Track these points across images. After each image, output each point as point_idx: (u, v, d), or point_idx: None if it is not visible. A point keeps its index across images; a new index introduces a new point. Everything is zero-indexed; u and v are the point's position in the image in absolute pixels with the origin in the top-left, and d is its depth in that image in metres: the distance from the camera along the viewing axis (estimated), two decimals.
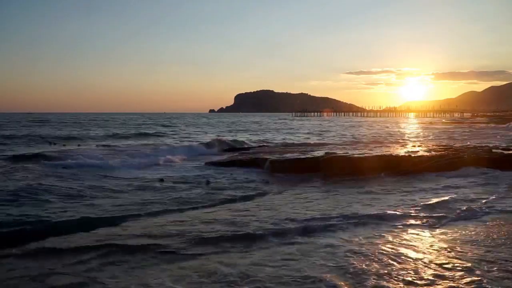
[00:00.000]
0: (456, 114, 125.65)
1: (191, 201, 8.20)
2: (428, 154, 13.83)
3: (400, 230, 5.93)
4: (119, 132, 33.17)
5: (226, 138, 25.47)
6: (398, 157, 13.49)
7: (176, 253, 5.04)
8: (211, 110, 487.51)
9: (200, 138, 26.81)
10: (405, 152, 14.81)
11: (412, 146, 18.41)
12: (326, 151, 14.90)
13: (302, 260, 4.73)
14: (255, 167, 12.90)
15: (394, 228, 6.06)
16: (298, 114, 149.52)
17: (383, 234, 5.73)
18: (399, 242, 5.37)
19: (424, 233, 5.85)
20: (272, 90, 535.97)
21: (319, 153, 14.48)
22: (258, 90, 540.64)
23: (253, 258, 4.82)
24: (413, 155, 13.50)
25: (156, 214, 7.04)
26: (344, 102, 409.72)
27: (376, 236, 5.64)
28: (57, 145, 21.45)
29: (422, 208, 7.19)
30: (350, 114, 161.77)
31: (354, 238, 5.55)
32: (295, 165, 12.55)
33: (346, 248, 5.13)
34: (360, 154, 14.09)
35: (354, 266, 4.49)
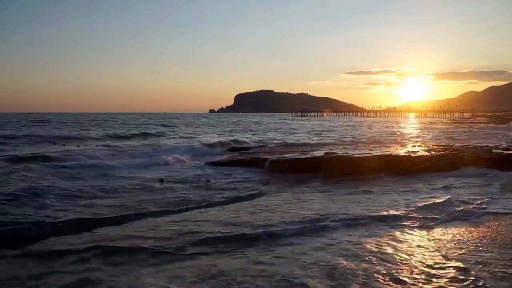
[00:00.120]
0: (456, 114, 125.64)
1: (189, 201, 8.20)
2: (428, 154, 13.83)
3: (392, 231, 5.89)
4: (120, 132, 33.17)
5: (227, 138, 25.50)
6: (398, 157, 13.49)
7: (169, 254, 5.02)
8: (211, 110, 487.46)
9: (200, 138, 26.85)
10: (405, 152, 14.81)
11: (412, 146, 18.41)
12: (326, 151, 14.90)
13: (288, 262, 4.68)
14: (255, 167, 12.91)
15: (387, 229, 6.02)
16: (298, 114, 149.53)
17: (375, 235, 5.69)
18: (389, 243, 5.33)
19: (415, 234, 5.81)
20: (272, 90, 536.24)
21: (319, 153, 14.49)
22: (258, 90, 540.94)
23: (238, 261, 4.78)
24: (413, 155, 13.50)
25: (153, 215, 7.05)
26: (344, 102, 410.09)
27: (367, 237, 5.60)
28: (57, 145, 21.48)
29: (416, 209, 7.14)
30: (350, 114, 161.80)
31: (345, 239, 5.51)
32: (295, 165, 12.56)
33: (335, 249, 5.09)
34: (360, 154, 14.09)
35: (341, 269, 4.45)
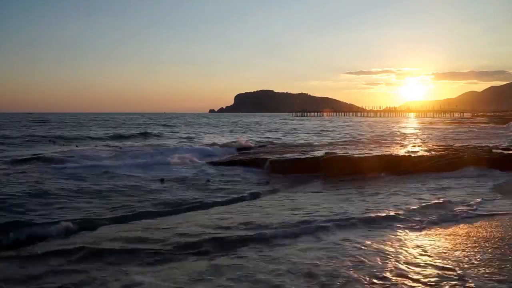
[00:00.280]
0: (456, 114, 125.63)
1: (187, 202, 8.19)
2: (428, 154, 13.82)
3: (382, 232, 5.85)
4: (120, 132, 33.20)
5: (228, 138, 25.50)
6: (398, 157, 13.49)
7: (159, 256, 5.00)
8: (211, 110, 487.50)
9: (201, 138, 26.87)
10: (405, 152, 14.82)
11: (412, 146, 18.43)
12: (326, 151, 14.91)
13: (274, 264, 4.66)
14: (256, 167, 12.90)
15: (377, 230, 5.97)
16: (298, 114, 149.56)
17: (366, 236, 5.66)
18: (378, 244, 5.29)
19: (404, 235, 5.77)
20: (272, 90, 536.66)
21: (319, 153, 14.50)
22: (258, 90, 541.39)
23: (217, 262, 4.78)
24: (413, 155, 13.50)
25: (150, 216, 7.08)
26: (344, 102, 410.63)
27: (355, 238, 5.57)
28: (57, 145, 21.50)
29: (410, 210, 7.06)
30: (350, 114, 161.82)
31: (333, 241, 5.49)
32: (295, 165, 12.55)
33: (322, 251, 5.07)
34: (360, 154, 14.10)
35: (323, 271, 4.44)
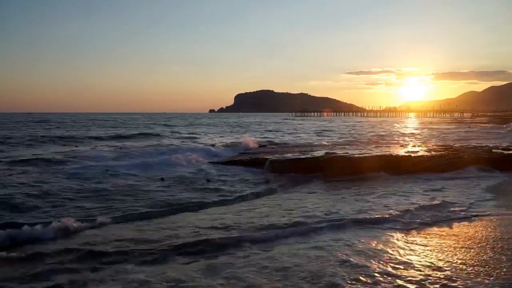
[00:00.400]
0: (456, 114, 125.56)
1: (185, 202, 8.21)
2: (428, 154, 13.84)
3: (371, 233, 5.85)
4: (121, 132, 33.11)
5: (228, 138, 25.49)
6: (398, 157, 13.51)
7: (151, 257, 5.01)
8: (211, 110, 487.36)
9: (201, 138, 26.89)
10: (405, 152, 14.83)
11: (412, 146, 18.44)
12: (326, 151, 14.92)
13: (257, 267, 4.64)
14: (256, 167, 12.92)
15: (367, 231, 5.98)
16: (298, 114, 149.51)
17: (353, 237, 5.66)
18: (365, 245, 5.29)
19: (394, 236, 5.75)
20: (272, 90, 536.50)
21: (319, 153, 14.52)
22: (258, 90, 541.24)
23: (207, 263, 4.79)
24: (413, 155, 13.52)
25: (146, 216, 7.13)
26: (344, 102, 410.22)
27: (345, 239, 5.57)
28: (57, 145, 21.48)
29: (403, 211, 7.07)
30: (350, 114, 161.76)
31: (323, 241, 5.51)
32: (295, 165, 12.57)
33: (311, 251, 5.09)
34: (360, 154, 14.12)
35: (307, 271, 4.45)
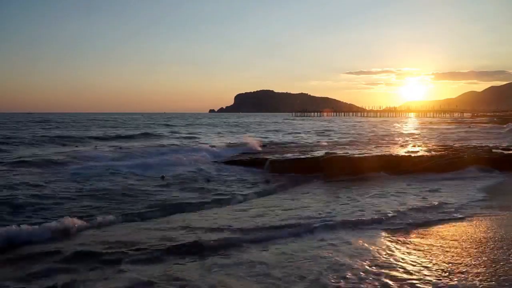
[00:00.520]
0: (456, 114, 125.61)
1: (184, 203, 8.18)
2: (428, 154, 13.85)
3: (361, 234, 5.85)
4: (121, 132, 33.06)
5: (229, 139, 25.48)
6: (398, 157, 13.51)
7: (144, 256, 5.01)
8: (211, 110, 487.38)
9: (201, 138, 26.90)
10: (405, 152, 14.84)
11: (412, 146, 18.44)
12: (326, 151, 14.94)
13: (243, 269, 4.64)
14: (256, 167, 12.91)
15: (355, 232, 5.96)
16: (298, 114, 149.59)
17: (344, 238, 5.65)
18: (354, 246, 5.29)
19: (384, 237, 5.72)
20: (272, 90, 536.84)
21: (319, 153, 14.53)
22: (258, 90, 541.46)
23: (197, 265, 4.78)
24: (413, 155, 13.52)
25: (142, 217, 7.12)
26: (344, 102, 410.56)
27: (333, 240, 5.56)
28: (58, 145, 21.47)
29: (397, 211, 7.05)
30: (350, 114, 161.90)
31: (312, 243, 5.52)
32: (295, 165, 12.56)
33: (299, 254, 5.07)
34: (360, 154, 14.12)
35: (287, 273, 4.44)
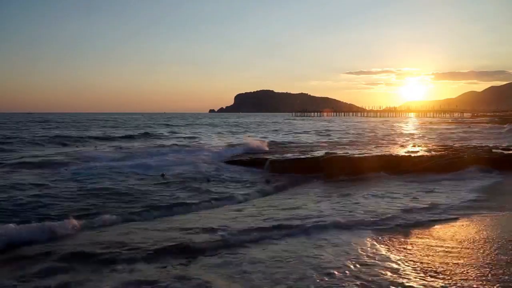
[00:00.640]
0: (456, 114, 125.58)
1: (183, 203, 8.16)
2: (428, 154, 13.84)
3: (351, 236, 5.83)
4: (121, 132, 33.07)
5: (230, 139, 25.48)
6: (398, 157, 13.51)
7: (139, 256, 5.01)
8: (211, 110, 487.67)
9: (201, 138, 26.89)
10: (405, 152, 14.84)
11: (412, 146, 18.45)
12: (326, 151, 14.94)
13: (231, 270, 4.62)
14: (256, 167, 12.90)
15: (345, 235, 5.90)
16: (298, 114, 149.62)
17: (334, 239, 5.64)
18: (338, 248, 5.28)
19: (375, 238, 5.71)
20: (272, 90, 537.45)
21: (319, 153, 14.54)
22: (258, 90, 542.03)
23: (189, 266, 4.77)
24: (413, 155, 13.52)
25: (144, 217, 7.12)
26: (344, 102, 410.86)
27: (323, 241, 5.55)
28: (58, 145, 21.48)
29: (393, 212, 7.04)
30: (350, 114, 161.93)
31: (306, 243, 5.51)
32: (295, 165, 12.55)
33: (285, 253, 5.07)
34: (360, 154, 14.13)
35: (280, 273, 4.45)
